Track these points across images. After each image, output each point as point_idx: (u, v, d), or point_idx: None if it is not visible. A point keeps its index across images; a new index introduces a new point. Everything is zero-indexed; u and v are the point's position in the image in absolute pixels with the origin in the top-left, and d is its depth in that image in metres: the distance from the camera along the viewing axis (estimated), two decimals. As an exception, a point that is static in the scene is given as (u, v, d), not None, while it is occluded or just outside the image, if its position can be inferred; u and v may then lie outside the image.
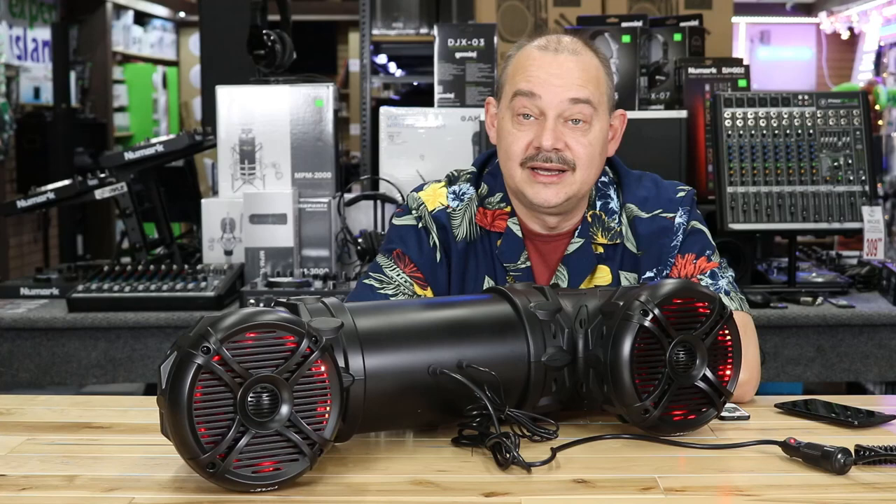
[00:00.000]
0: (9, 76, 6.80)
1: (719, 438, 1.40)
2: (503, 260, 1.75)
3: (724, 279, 1.74)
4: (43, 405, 1.59)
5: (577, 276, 1.74)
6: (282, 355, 1.18)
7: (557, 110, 1.66)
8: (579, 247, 1.74)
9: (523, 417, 1.35)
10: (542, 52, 1.68)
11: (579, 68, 1.67)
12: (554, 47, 1.68)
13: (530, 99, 1.67)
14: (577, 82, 1.66)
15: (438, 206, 1.78)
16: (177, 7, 9.85)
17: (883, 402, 1.96)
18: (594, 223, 1.75)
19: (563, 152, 1.66)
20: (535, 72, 1.67)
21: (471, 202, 1.78)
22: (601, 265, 1.75)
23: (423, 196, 1.80)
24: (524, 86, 1.67)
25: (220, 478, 1.16)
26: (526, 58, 1.69)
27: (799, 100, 2.86)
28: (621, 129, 1.77)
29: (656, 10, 4.07)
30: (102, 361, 2.76)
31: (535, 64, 1.68)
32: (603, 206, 1.76)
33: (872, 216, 2.79)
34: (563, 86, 1.66)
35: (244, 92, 3.13)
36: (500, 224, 1.77)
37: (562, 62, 1.67)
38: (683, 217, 1.75)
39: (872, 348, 2.77)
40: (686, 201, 1.77)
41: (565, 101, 1.66)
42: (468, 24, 3.48)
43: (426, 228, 1.77)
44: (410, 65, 7.53)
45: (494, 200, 1.78)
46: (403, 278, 1.75)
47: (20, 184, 6.74)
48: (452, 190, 1.80)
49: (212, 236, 3.10)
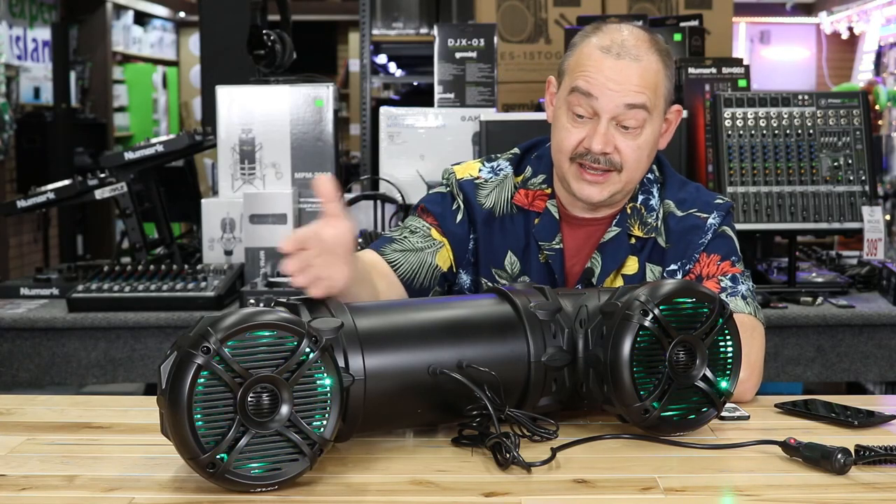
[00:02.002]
0: (9, 76, 6.80)
1: (719, 438, 1.40)
2: (539, 238, 1.80)
3: (745, 285, 1.75)
4: (43, 405, 1.59)
5: (610, 263, 1.77)
6: (282, 355, 1.18)
7: (611, 114, 1.68)
8: (615, 235, 1.78)
9: (523, 417, 1.35)
10: (604, 53, 1.69)
11: (638, 74, 1.68)
12: (616, 51, 1.68)
13: (586, 98, 1.69)
14: (634, 88, 1.67)
15: (467, 176, 1.85)
16: (177, 7, 9.85)
17: (883, 402, 1.96)
18: (633, 215, 1.79)
19: (611, 155, 1.70)
20: (594, 74, 1.68)
21: (506, 179, 1.84)
22: (632, 255, 1.78)
23: (456, 168, 1.89)
24: (582, 84, 1.69)
25: (220, 478, 1.16)
26: (587, 56, 1.70)
27: (799, 100, 2.86)
28: (675, 123, 1.80)
29: (656, 10, 4.07)
30: (102, 361, 2.76)
31: (594, 65, 1.69)
32: (644, 200, 1.80)
33: (872, 216, 2.79)
34: (621, 91, 1.67)
35: (244, 92, 3.13)
36: (539, 204, 1.82)
37: (622, 68, 1.67)
38: (717, 219, 1.78)
39: (872, 348, 2.77)
40: (723, 208, 1.80)
41: (621, 106, 1.68)
42: (468, 24, 3.48)
43: (452, 195, 1.84)
44: (410, 65, 7.53)
45: (536, 182, 1.83)
46: (422, 223, 1.82)
47: (20, 184, 6.74)
48: (490, 165, 1.87)
49: (212, 236, 3.10)
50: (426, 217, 1.84)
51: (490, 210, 1.82)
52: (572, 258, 1.80)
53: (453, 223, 1.82)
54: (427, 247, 1.79)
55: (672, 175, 1.84)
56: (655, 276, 1.77)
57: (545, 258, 1.79)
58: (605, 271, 1.76)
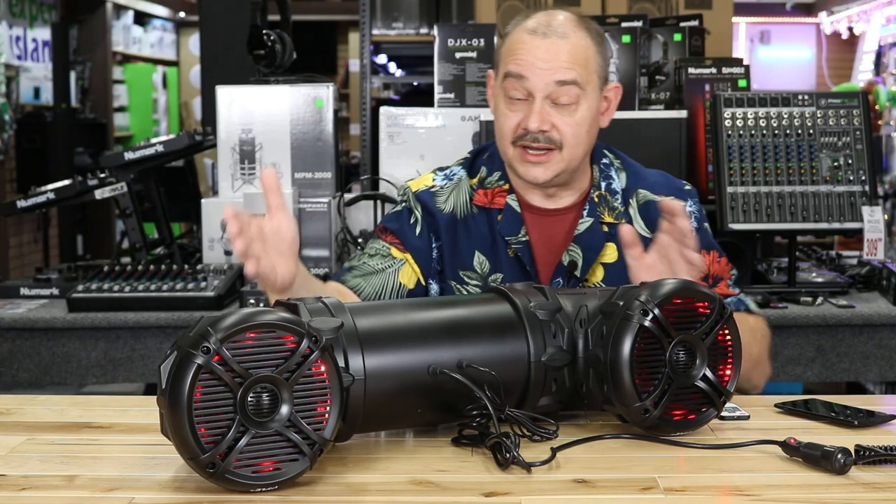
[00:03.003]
0: (9, 76, 6.80)
1: (719, 438, 1.40)
2: (504, 233, 1.82)
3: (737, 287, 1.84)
4: (43, 405, 1.59)
5: (589, 252, 1.80)
6: (282, 355, 1.18)
7: (544, 92, 1.72)
8: (589, 226, 1.81)
9: (523, 417, 1.35)
10: (531, 35, 1.74)
11: (567, 51, 1.72)
12: (543, 31, 1.73)
13: (519, 81, 1.73)
14: (563, 65, 1.71)
15: (422, 188, 1.88)
16: (177, 7, 9.85)
17: (883, 402, 1.96)
18: (601, 203, 1.82)
19: (549, 133, 1.74)
20: (523, 55, 1.73)
21: (461, 182, 1.88)
22: (609, 242, 1.81)
23: (410, 183, 1.92)
24: (513, 68, 1.74)
25: (220, 478, 1.16)
26: (517, 41, 1.75)
27: (799, 100, 2.86)
28: (615, 100, 1.83)
29: (656, 10, 4.06)
30: (102, 361, 2.76)
31: (524, 47, 1.73)
32: (607, 186, 1.84)
33: (872, 216, 2.79)
34: (550, 69, 1.72)
35: (244, 92, 3.13)
36: (499, 201, 1.84)
37: (549, 46, 1.72)
38: (693, 208, 1.84)
39: (872, 348, 2.77)
40: (693, 194, 1.86)
41: (552, 83, 1.72)
42: (468, 24, 3.48)
43: (409, 209, 1.86)
44: (410, 65, 7.54)
45: (493, 179, 1.86)
46: (381, 244, 1.84)
47: (20, 184, 6.74)
48: (443, 173, 1.90)
49: (212, 236, 3.10)
50: (385, 237, 1.85)
51: (451, 214, 1.84)
52: (542, 250, 1.82)
53: (414, 237, 1.83)
54: (387, 266, 1.81)
55: (629, 161, 1.89)
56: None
57: (513, 252, 1.81)
58: (586, 261, 1.79)
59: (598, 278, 1.79)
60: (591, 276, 1.79)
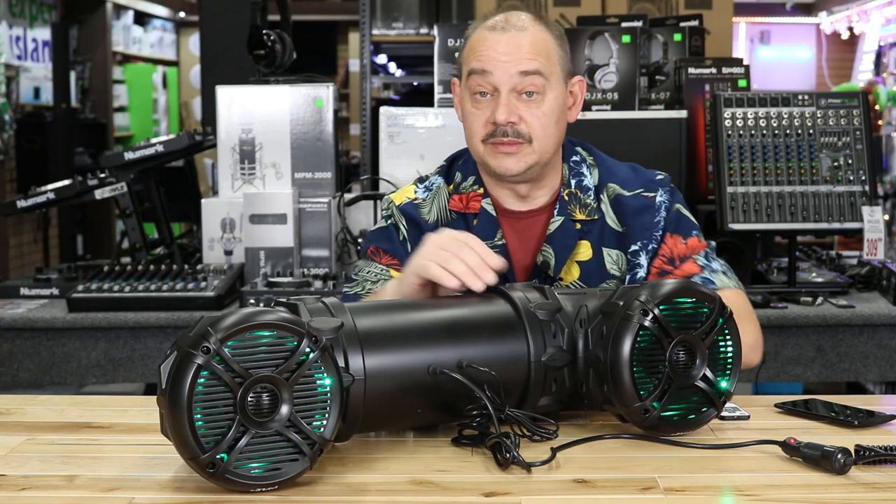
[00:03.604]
0: (9, 76, 6.80)
1: (719, 438, 1.40)
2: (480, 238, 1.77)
3: (716, 261, 1.82)
4: (43, 405, 1.59)
5: (561, 251, 1.80)
6: (282, 355, 1.18)
7: (509, 85, 1.73)
8: (560, 224, 1.81)
9: (523, 417, 1.35)
10: (491, 31, 1.76)
11: (527, 42, 1.74)
12: (501, 26, 1.75)
13: (483, 76, 1.75)
14: (525, 56, 1.73)
15: (405, 200, 1.88)
16: (177, 7, 9.85)
17: (883, 402, 1.96)
18: (571, 201, 1.82)
19: (517, 126, 1.74)
20: (485, 51, 1.75)
21: (440, 189, 1.88)
22: (582, 240, 1.81)
23: (392, 196, 1.92)
24: (476, 65, 1.75)
25: (220, 478, 1.16)
26: (477, 39, 1.78)
27: (799, 100, 2.86)
28: (581, 94, 1.84)
29: (656, 10, 4.07)
30: (102, 361, 2.76)
31: (485, 44, 1.75)
32: (577, 183, 1.84)
33: (872, 216, 2.79)
34: (512, 61, 1.73)
35: (244, 92, 3.13)
36: (474, 206, 1.85)
37: (509, 39, 1.74)
38: (664, 196, 1.83)
39: (872, 348, 2.77)
40: (665, 183, 1.85)
41: (515, 74, 1.73)
42: (468, 24, 3.47)
43: (395, 225, 1.86)
44: (410, 65, 7.54)
45: (467, 184, 1.87)
46: (379, 267, 1.82)
47: (20, 184, 6.74)
48: (423, 185, 1.90)
49: (212, 236, 3.10)
50: (381, 259, 1.84)
51: (435, 223, 1.84)
52: (518, 253, 1.82)
53: (406, 254, 1.80)
54: None
55: (603, 157, 1.88)
56: (613, 260, 1.80)
57: None
58: (559, 261, 1.79)
59: (573, 277, 1.79)
60: (567, 275, 1.79)
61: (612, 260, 1.80)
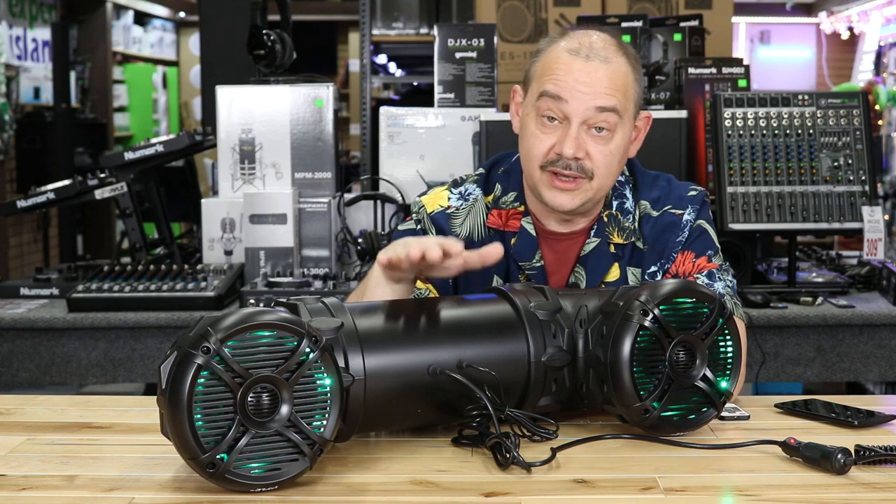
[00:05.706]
0: (9, 76, 6.79)
1: (719, 438, 1.40)
2: (518, 258, 1.75)
3: (722, 282, 1.74)
4: (43, 405, 1.59)
5: (594, 275, 1.74)
6: (282, 355, 1.18)
7: (582, 117, 1.65)
8: (595, 246, 1.75)
9: (523, 417, 1.35)
10: (572, 55, 1.65)
11: (608, 76, 1.64)
12: (585, 53, 1.65)
13: (556, 102, 1.65)
14: (604, 91, 1.64)
15: (438, 208, 1.80)
16: (177, 7, 9.85)
17: (883, 402, 1.96)
18: (610, 223, 1.76)
19: (582, 161, 1.66)
20: (563, 76, 1.65)
21: (476, 202, 1.79)
22: (615, 263, 1.75)
23: (424, 199, 1.82)
24: (551, 88, 1.65)
25: (220, 478, 1.16)
26: (555, 59, 1.67)
27: (799, 100, 2.86)
28: (644, 130, 1.76)
29: (656, 10, 4.07)
30: (102, 361, 2.76)
31: (564, 67, 1.65)
32: (619, 206, 1.77)
33: (872, 216, 2.79)
34: (591, 94, 1.64)
35: (244, 92, 3.13)
36: (514, 224, 1.77)
37: (591, 70, 1.64)
38: (692, 215, 1.76)
39: (872, 348, 2.77)
40: (696, 200, 1.77)
41: (591, 108, 1.64)
42: (468, 24, 3.48)
43: (424, 230, 1.79)
44: (410, 65, 7.54)
45: (508, 200, 1.78)
46: None
47: (20, 184, 6.74)
48: (458, 191, 1.81)
49: (212, 236, 3.10)
50: None
51: (468, 238, 1.76)
52: (553, 274, 1.77)
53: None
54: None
55: (643, 173, 1.80)
56: (636, 278, 1.75)
57: (525, 277, 1.74)
58: (590, 284, 1.73)
59: None
60: None
61: (635, 279, 1.75)
